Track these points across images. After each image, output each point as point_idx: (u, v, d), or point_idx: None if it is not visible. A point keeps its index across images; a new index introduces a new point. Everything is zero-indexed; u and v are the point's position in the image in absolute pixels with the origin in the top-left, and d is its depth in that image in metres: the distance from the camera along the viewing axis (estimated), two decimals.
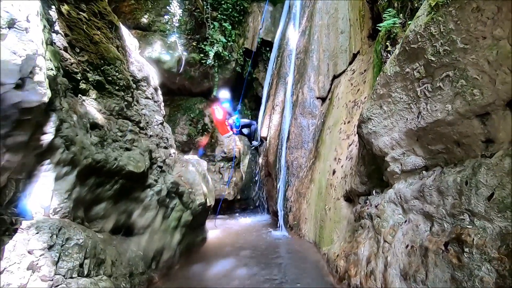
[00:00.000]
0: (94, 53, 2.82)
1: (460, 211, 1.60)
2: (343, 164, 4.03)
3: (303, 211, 5.05)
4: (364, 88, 4.55)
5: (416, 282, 1.74)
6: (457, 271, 1.49)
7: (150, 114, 3.78)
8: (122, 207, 2.78)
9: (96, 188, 2.45)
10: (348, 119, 4.57)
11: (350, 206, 3.57)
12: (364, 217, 2.68)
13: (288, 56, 7.21)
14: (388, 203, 2.33)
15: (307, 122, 5.93)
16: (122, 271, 2.22)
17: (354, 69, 5.34)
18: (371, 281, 2.19)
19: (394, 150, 2.28)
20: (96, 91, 2.85)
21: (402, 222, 2.14)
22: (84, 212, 2.25)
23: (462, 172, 1.68)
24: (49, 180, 1.83)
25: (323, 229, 4.12)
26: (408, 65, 2.03)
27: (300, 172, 5.65)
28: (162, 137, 3.85)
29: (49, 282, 1.54)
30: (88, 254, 1.82)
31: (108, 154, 2.57)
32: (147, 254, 2.81)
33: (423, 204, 1.93)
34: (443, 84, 1.77)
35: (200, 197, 3.98)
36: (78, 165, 2.13)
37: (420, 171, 2.12)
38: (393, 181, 2.38)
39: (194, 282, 2.95)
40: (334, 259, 2.99)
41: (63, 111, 2.07)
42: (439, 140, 1.89)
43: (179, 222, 3.61)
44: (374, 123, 2.46)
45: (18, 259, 1.48)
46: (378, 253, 2.24)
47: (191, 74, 8.39)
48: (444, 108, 1.77)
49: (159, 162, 3.44)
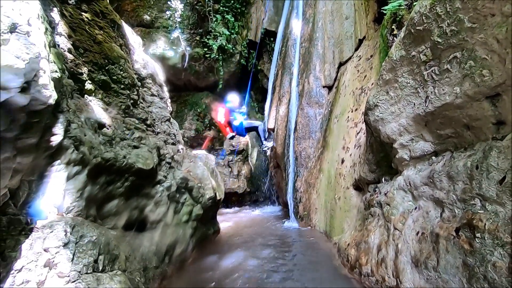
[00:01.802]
0: (98, 53, 2.84)
1: (471, 196, 1.56)
2: (352, 153, 3.99)
3: (313, 201, 5.05)
4: (371, 74, 4.45)
5: (427, 269, 1.72)
6: (469, 257, 1.47)
7: (156, 111, 3.81)
8: (133, 204, 2.84)
9: (107, 186, 2.50)
10: (356, 106, 4.50)
11: (359, 194, 3.54)
12: (373, 205, 2.66)
13: (293, 45, 7.11)
14: (398, 191, 2.30)
15: (314, 111, 5.88)
16: (136, 266, 2.28)
17: (360, 55, 5.23)
18: (382, 269, 2.19)
19: (402, 136, 2.24)
20: (102, 91, 2.89)
21: (412, 209, 2.11)
22: (96, 210, 2.31)
23: (472, 156, 1.64)
24: (61, 180, 1.87)
25: (334, 219, 4.11)
26: (414, 48, 1.98)
27: (308, 162, 5.63)
28: (170, 134, 3.88)
29: (66, 278, 1.60)
30: (102, 250, 1.87)
31: (117, 153, 2.62)
32: (160, 249, 2.87)
33: (433, 190, 1.90)
34: (451, 66, 1.71)
35: (209, 191, 4.03)
36: (88, 164, 2.18)
37: (429, 156, 2.08)
38: (402, 168, 2.34)
39: (207, 275, 3.01)
40: (345, 248, 2.98)
41: (70, 112, 2.10)
42: (448, 124, 1.85)
43: (190, 216, 3.66)
44: (381, 110, 2.41)
45: (35, 257, 1.54)
46: (388, 241, 2.23)
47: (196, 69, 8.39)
48: (453, 91, 1.72)
49: (168, 158, 3.49)
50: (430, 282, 1.69)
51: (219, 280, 2.86)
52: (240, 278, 2.91)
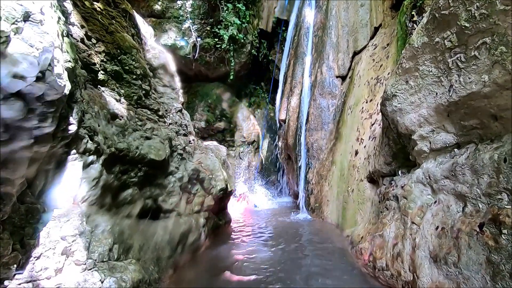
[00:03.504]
0: (110, 43, 2.83)
1: (497, 191, 1.49)
2: (366, 145, 3.89)
3: (325, 193, 5.00)
4: (387, 64, 4.30)
5: (447, 265, 1.67)
6: (494, 254, 1.40)
7: (168, 102, 3.81)
8: (147, 193, 2.86)
9: (121, 175, 2.52)
10: (371, 97, 4.37)
11: (374, 187, 3.47)
12: (389, 198, 2.59)
13: (305, 34, 6.94)
14: (416, 184, 2.23)
15: (326, 102, 5.76)
16: (150, 255, 2.31)
17: (376, 44, 5.06)
18: (398, 263, 2.14)
19: (422, 127, 2.15)
20: (114, 81, 2.89)
21: (431, 203, 2.04)
22: (112, 199, 2.33)
23: (499, 148, 1.55)
24: (77, 168, 1.89)
25: (346, 211, 4.06)
26: (438, 34, 1.87)
27: (320, 154, 5.55)
28: (181, 125, 3.88)
29: (82, 266, 1.62)
30: (116, 239, 1.89)
31: (130, 143, 2.63)
32: (174, 237, 2.90)
33: (454, 184, 1.82)
34: (479, 52, 1.61)
35: (220, 182, 4.03)
36: (102, 154, 2.19)
37: (452, 149, 1.99)
38: (421, 160, 2.26)
39: (220, 263, 3.03)
40: (358, 241, 2.94)
41: (84, 102, 2.11)
42: (473, 115, 1.75)
43: (202, 207, 3.68)
44: (399, 100, 2.32)
45: (52, 245, 1.56)
46: (405, 235, 2.17)
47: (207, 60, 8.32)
48: (480, 79, 1.62)
49: (179, 149, 3.49)
50: (450, 278, 1.64)
51: (232, 269, 2.88)
52: (252, 266, 2.92)
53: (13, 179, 1.43)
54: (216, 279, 2.65)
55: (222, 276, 2.70)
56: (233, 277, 2.71)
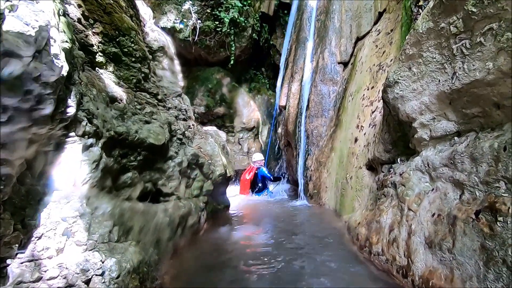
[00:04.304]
0: (108, 23, 2.76)
1: (495, 179, 1.49)
2: (366, 132, 3.89)
3: (324, 180, 5.04)
4: (390, 50, 4.23)
5: (441, 250, 1.70)
6: (488, 240, 1.43)
7: (167, 85, 3.76)
8: (146, 177, 2.88)
9: (121, 159, 2.53)
10: (372, 84, 4.33)
11: (372, 174, 3.49)
12: (387, 186, 2.61)
13: (308, 18, 6.79)
14: (414, 171, 2.24)
15: (327, 89, 5.71)
16: (150, 237, 2.35)
17: (379, 30, 4.95)
18: (393, 248, 2.18)
19: (423, 115, 2.14)
20: (113, 64, 2.84)
21: (428, 191, 2.06)
22: (112, 181, 2.34)
23: (500, 137, 1.55)
24: (76, 151, 1.89)
25: (344, 198, 4.10)
26: (444, 19, 1.82)
27: (320, 141, 5.55)
28: (181, 109, 3.85)
29: (83, 246, 1.65)
30: (116, 221, 1.92)
31: (129, 127, 2.61)
32: (173, 220, 2.94)
33: (453, 171, 1.83)
34: (485, 39, 1.58)
35: (219, 168, 4.05)
36: (102, 137, 2.18)
37: (452, 137, 1.98)
38: (421, 148, 2.26)
39: (219, 246, 3.10)
40: (355, 226, 2.99)
41: (82, 85, 2.08)
42: (476, 103, 1.74)
43: (201, 191, 3.71)
44: (401, 87, 2.29)
45: (53, 226, 1.58)
46: (401, 221, 2.20)
47: (207, 44, 8.17)
48: (484, 66, 1.59)
49: (179, 134, 3.48)
50: (444, 263, 1.67)
51: (231, 251, 2.95)
52: (251, 249, 2.99)
53: (12, 160, 1.42)
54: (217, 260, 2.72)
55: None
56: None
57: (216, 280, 2.30)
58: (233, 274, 2.41)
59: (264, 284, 2.22)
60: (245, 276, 2.36)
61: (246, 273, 2.41)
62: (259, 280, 2.27)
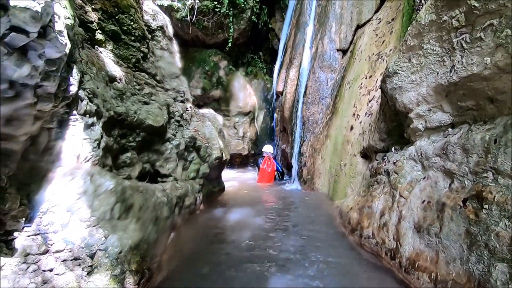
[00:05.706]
0: (108, 0, 2.70)
1: (484, 169, 1.58)
2: (362, 120, 3.96)
3: (318, 166, 5.14)
4: (390, 39, 4.24)
5: (429, 235, 1.81)
6: (473, 226, 1.53)
7: (165, 66, 3.72)
8: (145, 158, 2.91)
9: (120, 139, 2.55)
10: (370, 73, 4.36)
11: (366, 162, 3.59)
12: (380, 173, 2.70)
13: (309, 3, 6.68)
14: (408, 160, 2.33)
15: (325, 76, 5.71)
16: (149, 215, 2.40)
17: (380, 18, 4.93)
18: (383, 232, 2.29)
19: (420, 106, 2.20)
20: (112, 42, 2.79)
21: (420, 179, 2.15)
22: (112, 161, 2.37)
23: (491, 130, 1.62)
24: (78, 130, 1.90)
25: (337, 184, 4.22)
26: (447, 13, 1.85)
27: (316, 128, 5.62)
28: (179, 91, 3.83)
29: (86, 222, 1.70)
30: (118, 199, 1.96)
31: (128, 108, 2.61)
32: (171, 200, 3.00)
33: (444, 161, 1.91)
34: (485, 34, 1.62)
35: (216, 151, 4.08)
36: (102, 117, 2.19)
37: (446, 128, 2.06)
38: (415, 138, 2.34)
39: (215, 225, 3.22)
40: (347, 211, 3.10)
41: (82, 63, 2.06)
42: (471, 96, 1.80)
43: (197, 174, 3.77)
44: (400, 78, 2.34)
45: (58, 202, 1.62)
46: (392, 207, 2.31)
47: (204, 24, 8.00)
48: (482, 61, 1.64)
49: (177, 116, 3.48)
50: (430, 246, 1.78)
51: (226, 230, 3.07)
52: (246, 228, 3.10)
53: (17, 136, 1.44)
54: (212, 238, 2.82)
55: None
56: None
57: (216, 252, 2.47)
58: (231, 249, 2.55)
59: (260, 260, 2.33)
60: (243, 254, 2.46)
61: (243, 250, 2.53)
62: (255, 257, 2.38)
